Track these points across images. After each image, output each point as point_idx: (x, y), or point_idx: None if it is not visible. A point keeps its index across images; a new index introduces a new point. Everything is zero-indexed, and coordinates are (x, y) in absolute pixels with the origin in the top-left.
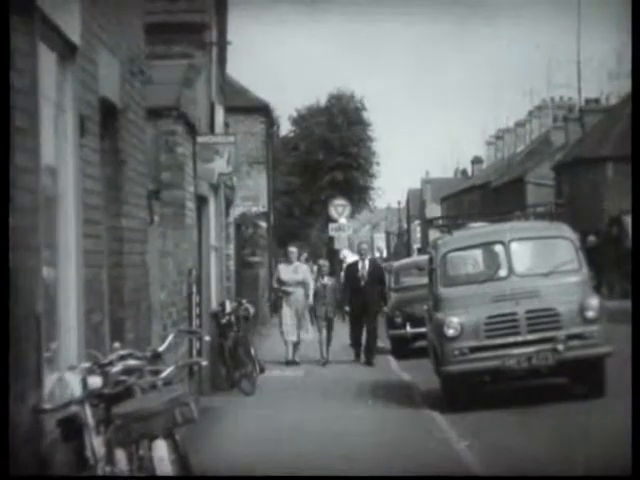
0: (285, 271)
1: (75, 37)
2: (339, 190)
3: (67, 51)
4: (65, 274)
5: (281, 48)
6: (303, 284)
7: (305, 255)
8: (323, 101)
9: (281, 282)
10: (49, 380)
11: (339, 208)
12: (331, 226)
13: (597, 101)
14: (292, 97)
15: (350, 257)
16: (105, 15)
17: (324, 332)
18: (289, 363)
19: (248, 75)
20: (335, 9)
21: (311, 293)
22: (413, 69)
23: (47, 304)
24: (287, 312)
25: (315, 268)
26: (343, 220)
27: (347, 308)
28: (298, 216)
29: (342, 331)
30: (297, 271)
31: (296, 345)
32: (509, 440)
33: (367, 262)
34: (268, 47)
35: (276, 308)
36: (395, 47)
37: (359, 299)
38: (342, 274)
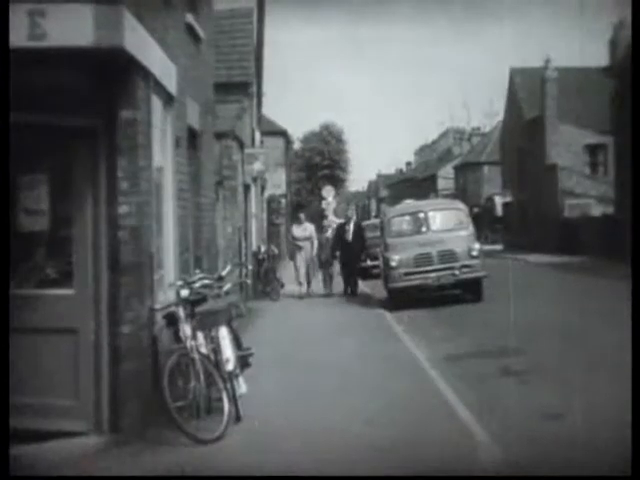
0: (297, 230)
1: (173, 90)
2: (328, 181)
3: (168, 99)
4: (167, 230)
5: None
6: (310, 238)
7: (309, 219)
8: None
9: (294, 238)
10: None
11: (328, 191)
12: (323, 202)
13: (479, 129)
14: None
15: (334, 220)
16: (191, 78)
17: (326, 271)
18: (302, 297)
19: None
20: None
21: (316, 244)
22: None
23: (157, 247)
24: (300, 262)
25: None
26: (330, 198)
27: (338, 254)
28: (304, 196)
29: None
30: (306, 230)
31: (310, 284)
32: (428, 325)
33: (352, 224)
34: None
35: (292, 256)
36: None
37: (347, 250)
38: (330, 232)
